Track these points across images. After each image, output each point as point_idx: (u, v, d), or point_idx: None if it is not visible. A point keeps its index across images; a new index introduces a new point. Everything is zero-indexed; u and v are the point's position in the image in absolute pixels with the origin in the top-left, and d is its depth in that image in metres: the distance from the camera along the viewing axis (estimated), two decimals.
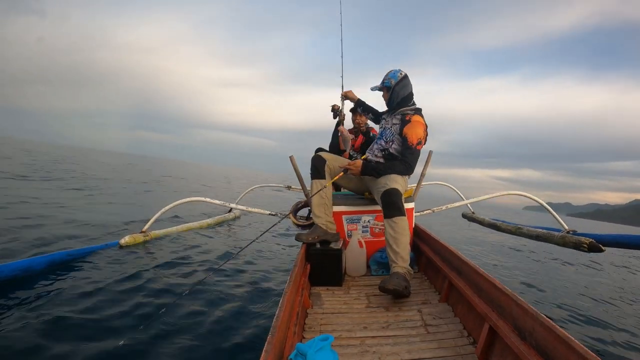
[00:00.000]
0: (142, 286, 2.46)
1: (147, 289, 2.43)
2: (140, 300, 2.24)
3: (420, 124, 2.19)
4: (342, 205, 2.49)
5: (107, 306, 2.10)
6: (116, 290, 2.34)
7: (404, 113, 2.26)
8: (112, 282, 2.50)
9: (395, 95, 2.28)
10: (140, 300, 2.23)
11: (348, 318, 1.67)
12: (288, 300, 1.31)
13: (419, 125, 2.18)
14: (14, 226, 3.50)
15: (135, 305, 2.15)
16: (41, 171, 9.83)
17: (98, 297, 2.23)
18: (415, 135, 2.16)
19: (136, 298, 2.26)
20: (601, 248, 2.83)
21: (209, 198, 3.84)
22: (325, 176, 2.28)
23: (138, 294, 2.32)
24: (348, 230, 2.51)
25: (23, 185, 6.62)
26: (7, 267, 2.18)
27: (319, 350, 1.12)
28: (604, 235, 3.01)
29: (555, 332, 0.99)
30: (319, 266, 2.11)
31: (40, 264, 2.41)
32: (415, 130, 2.16)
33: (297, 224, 2.93)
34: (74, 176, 10.08)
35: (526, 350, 1.10)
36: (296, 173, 2.75)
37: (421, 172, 3.00)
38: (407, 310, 1.74)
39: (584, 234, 3.13)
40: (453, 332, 1.51)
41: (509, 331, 1.21)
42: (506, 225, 4.30)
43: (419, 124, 2.18)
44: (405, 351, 1.36)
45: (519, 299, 1.21)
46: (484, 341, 1.32)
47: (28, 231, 3.42)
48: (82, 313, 1.99)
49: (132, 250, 3.15)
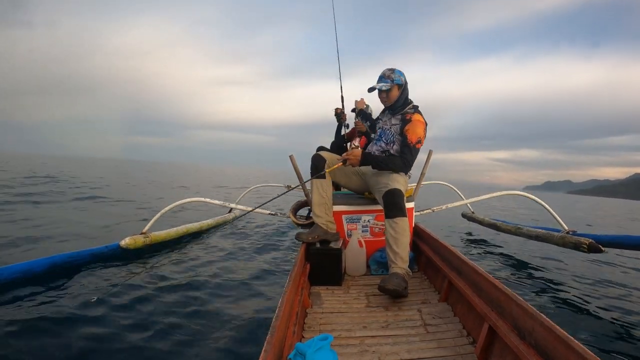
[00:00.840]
0: (142, 287, 2.46)
1: (147, 290, 2.43)
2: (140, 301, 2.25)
3: (421, 123, 2.18)
4: (342, 205, 2.49)
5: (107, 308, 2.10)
6: (117, 292, 2.34)
7: (404, 112, 2.24)
8: (112, 284, 2.51)
9: (407, 93, 2.28)
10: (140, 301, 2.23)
11: (347, 318, 1.67)
12: (287, 300, 1.31)
13: (419, 125, 2.17)
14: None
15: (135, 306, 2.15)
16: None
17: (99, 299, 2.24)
18: (415, 135, 2.16)
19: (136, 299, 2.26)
20: (601, 249, 2.83)
21: (208, 198, 3.83)
22: (325, 176, 2.28)
23: (138, 295, 2.32)
24: (348, 230, 2.52)
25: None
26: (8, 270, 2.18)
27: (318, 349, 1.12)
28: (603, 236, 3.01)
29: (554, 331, 0.99)
30: (319, 266, 2.11)
31: (41, 266, 2.41)
32: (415, 129, 2.16)
33: (297, 223, 2.93)
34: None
35: (526, 349, 1.10)
36: (296, 172, 2.76)
37: (421, 172, 3.00)
38: (407, 310, 1.74)
39: (583, 234, 3.13)
40: (453, 332, 1.51)
41: (509, 331, 1.21)
42: (506, 225, 4.30)
43: (419, 123, 2.18)
44: (405, 351, 1.36)
45: (519, 298, 1.22)
46: (483, 341, 1.32)
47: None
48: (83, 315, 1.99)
49: (133, 252, 3.14)
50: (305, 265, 2.04)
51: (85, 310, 2.04)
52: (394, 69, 2.25)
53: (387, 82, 2.21)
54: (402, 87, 2.25)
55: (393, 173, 2.22)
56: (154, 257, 3.27)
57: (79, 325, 1.86)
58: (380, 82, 2.23)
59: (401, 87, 2.25)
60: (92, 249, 2.90)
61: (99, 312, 2.03)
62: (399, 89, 2.24)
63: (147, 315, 2.03)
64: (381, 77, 2.24)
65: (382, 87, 2.21)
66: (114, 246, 3.04)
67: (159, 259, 3.21)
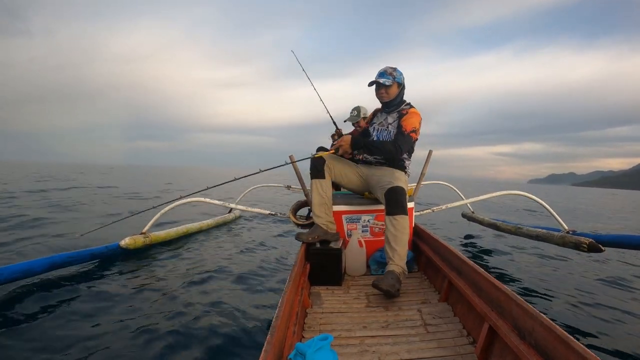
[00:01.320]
0: (142, 287, 2.46)
1: (147, 290, 2.43)
2: (140, 300, 2.25)
3: (417, 115, 2.25)
4: (342, 205, 2.49)
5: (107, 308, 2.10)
6: (116, 292, 2.34)
7: (400, 109, 2.31)
8: (112, 284, 2.51)
9: (403, 94, 2.35)
10: (139, 301, 2.24)
11: (347, 318, 1.66)
12: (287, 300, 1.31)
13: (415, 116, 2.24)
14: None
15: (134, 306, 2.16)
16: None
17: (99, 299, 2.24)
18: (410, 124, 2.21)
19: (136, 299, 2.26)
20: (601, 248, 2.83)
21: (208, 198, 3.83)
22: (325, 176, 2.28)
23: (138, 296, 2.33)
24: (348, 230, 2.52)
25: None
26: (8, 270, 2.18)
27: (318, 349, 1.12)
28: (603, 236, 3.01)
29: (554, 331, 0.99)
30: (319, 266, 2.11)
31: (40, 266, 2.40)
32: (410, 120, 2.22)
33: (297, 223, 2.93)
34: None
35: (526, 349, 1.10)
36: (296, 172, 2.75)
37: (421, 172, 3.00)
38: (407, 310, 1.74)
39: (583, 233, 3.13)
40: (453, 332, 1.51)
41: (509, 331, 1.21)
42: (506, 225, 4.30)
43: (415, 115, 2.25)
44: (405, 351, 1.36)
45: (519, 298, 1.21)
46: (483, 341, 1.32)
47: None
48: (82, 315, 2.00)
49: (133, 252, 3.15)
50: (305, 265, 2.04)
51: (85, 310, 2.04)
52: (396, 68, 2.29)
53: (389, 78, 2.26)
54: (401, 86, 2.31)
55: (395, 172, 2.24)
56: (154, 257, 3.27)
57: (79, 325, 1.86)
58: (382, 78, 2.26)
59: (400, 86, 2.31)
60: (92, 248, 2.90)
61: (98, 312, 2.03)
62: (398, 87, 2.30)
63: (147, 315, 2.03)
64: (382, 73, 2.27)
65: (385, 82, 2.25)
66: (114, 246, 3.04)
67: (158, 259, 3.21)
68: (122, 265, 2.95)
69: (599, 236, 2.97)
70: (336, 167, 2.32)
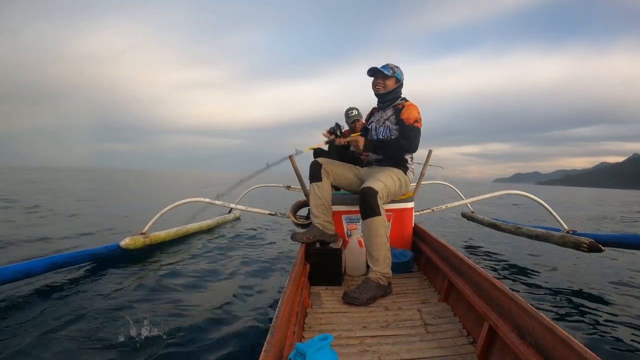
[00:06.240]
0: (141, 287, 2.46)
1: (146, 290, 2.43)
2: (139, 300, 2.25)
3: (414, 106, 2.27)
4: (342, 205, 2.50)
5: (107, 308, 2.10)
6: (116, 292, 2.34)
7: (395, 104, 2.33)
8: (112, 284, 2.51)
9: (400, 92, 2.37)
10: (139, 301, 2.24)
11: (347, 318, 1.67)
12: (287, 300, 1.31)
13: (412, 108, 2.26)
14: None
15: (134, 306, 2.16)
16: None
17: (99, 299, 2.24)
18: (411, 116, 2.22)
19: (135, 299, 2.26)
20: (601, 248, 2.83)
21: (208, 198, 3.84)
22: (322, 179, 2.28)
23: (137, 295, 2.32)
24: (348, 230, 2.52)
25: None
26: (8, 270, 2.18)
27: (318, 349, 1.12)
28: (603, 235, 3.01)
29: (554, 331, 0.99)
30: (319, 266, 2.11)
31: (40, 266, 2.40)
32: (409, 112, 2.23)
33: (297, 223, 2.94)
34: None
35: (526, 349, 1.10)
36: (296, 172, 2.75)
37: (421, 172, 3.00)
38: (407, 310, 1.74)
39: (583, 233, 3.13)
40: (452, 332, 1.51)
41: (509, 331, 1.21)
42: (505, 225, 4.30)
43: (412, 106, 2.26)
44: (405, 350, 1.36)
45: (519, 298, 1.21)
46: (483, 341, 1.32)
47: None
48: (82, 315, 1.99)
49: (133, 252, 3.15)
50: (305, 265, 2.04)
51: (85, 310, 2.04)
52: (398, 66, 2.34)
53: (390, 70, 2.30)
54: (399, 82, 2.34)
55: (384, 170, 2.24)
56: (154, 257, 3.28)
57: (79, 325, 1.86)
58: (384, 68, 2.30)
59: (398, 82, 2.34)
60: (91, 249, 2.90)
61: (98, 312, 2.03)
62: (395, 83, 2.33)
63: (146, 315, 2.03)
64: (385, 66, 2.31)
65: (385, 70, 2.28)
66: (114, 246, 3.04)
67: (158, 259, 3.22)
68: (122, 265, 2.95)
69: (599, 236, 2.97)
70: (333, 170, 2.32)
